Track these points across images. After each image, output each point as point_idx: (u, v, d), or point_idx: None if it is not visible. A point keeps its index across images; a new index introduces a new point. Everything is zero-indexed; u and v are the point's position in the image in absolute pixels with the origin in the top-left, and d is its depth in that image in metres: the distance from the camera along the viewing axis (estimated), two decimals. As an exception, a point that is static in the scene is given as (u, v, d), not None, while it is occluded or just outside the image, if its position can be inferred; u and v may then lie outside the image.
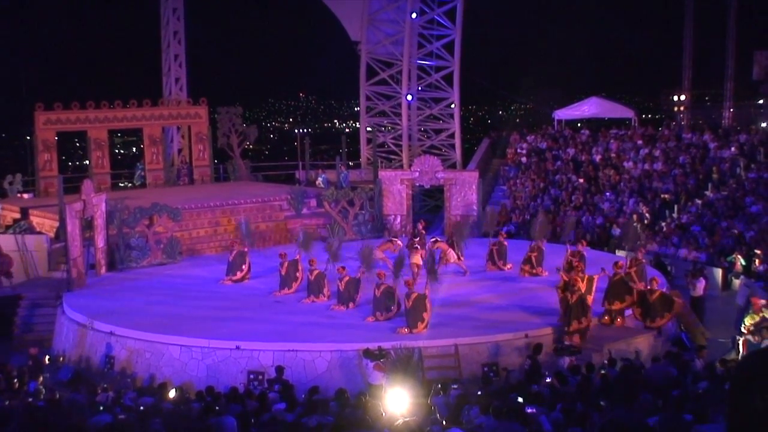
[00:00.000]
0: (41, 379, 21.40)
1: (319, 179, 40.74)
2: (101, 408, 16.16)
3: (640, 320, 23.97)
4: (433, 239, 29.24)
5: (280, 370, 20.63)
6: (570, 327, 22.37)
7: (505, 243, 30.63)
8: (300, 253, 28.06)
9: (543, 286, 27.37)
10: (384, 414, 13.38)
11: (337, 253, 27.97)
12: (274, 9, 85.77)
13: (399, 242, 29.14)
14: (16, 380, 20.79)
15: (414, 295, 22.65)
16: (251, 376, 21.43)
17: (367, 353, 20.79)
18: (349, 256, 27.90)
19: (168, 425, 10.91)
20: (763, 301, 25.49)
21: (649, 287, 24.38)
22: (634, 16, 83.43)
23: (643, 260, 27.39)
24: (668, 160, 40.82)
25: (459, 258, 29.24)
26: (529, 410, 12.72)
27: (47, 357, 24.76)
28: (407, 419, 12.05)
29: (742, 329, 23.94)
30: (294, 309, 25.52)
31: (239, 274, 29.12)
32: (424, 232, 32.07)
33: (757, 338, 22.97)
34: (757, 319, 23.93)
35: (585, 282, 23.54)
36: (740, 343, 23.24)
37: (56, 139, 39.40)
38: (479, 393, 16.46)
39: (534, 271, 28.86)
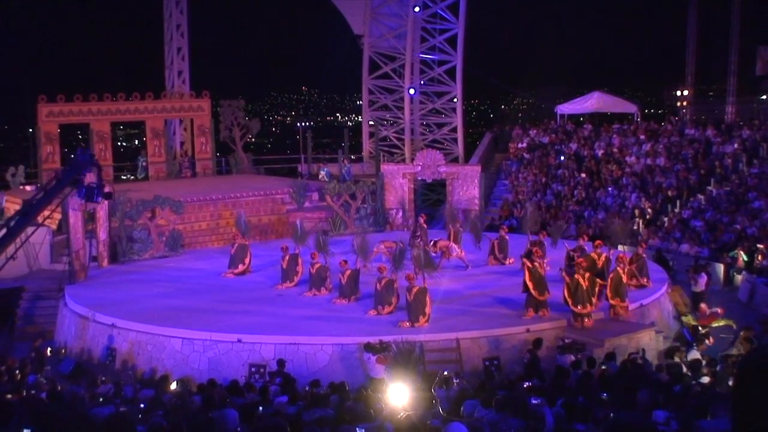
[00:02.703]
0: (42, 371, 21.41)
1: (322, 172, 40.71)
2: (101, 400, 16.18)
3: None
4: (432, 241, 29.17)
5: (281, 363, 20.65)
6: (585, 308, 22.53)
7: (507, 237, 30.63)
8: (299, 246, 28.16)
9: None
10: (385, 407, 13.39)
11: (326, 245, 28.02)
12: (277, 2, 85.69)
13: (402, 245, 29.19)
14: (18, 372, 20.82)
15: (415, 289, 22.66)
16: (252, 369, 21.44)
17: (369, 347, 20.81)
18: (346, 250, 27.99)
19: (169, 418, 10.93)
20: (714, 310, 25.62)
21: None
22: (638, 11, 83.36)
23: (644, 255, 27.42)
24: (671, 155, 40.80)
25: (461, 252, 29.25)
26: (534, 401, 12.72)
27: (49, 349, 24.78)
28: (408, 412, 12.06)
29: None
30: (295, 302, 25.54)
31: (241, 267, 29.16)
32: (425, 226, 32.09)
33: (710, 341, 23.12)
34: (700, 327, 24.09)
35: (587, 280, 23.52)
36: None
37: (59, 132, 39.36)
38: (480, 386, 16.47)
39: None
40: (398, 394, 14.52)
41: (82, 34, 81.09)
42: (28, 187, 38.04)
